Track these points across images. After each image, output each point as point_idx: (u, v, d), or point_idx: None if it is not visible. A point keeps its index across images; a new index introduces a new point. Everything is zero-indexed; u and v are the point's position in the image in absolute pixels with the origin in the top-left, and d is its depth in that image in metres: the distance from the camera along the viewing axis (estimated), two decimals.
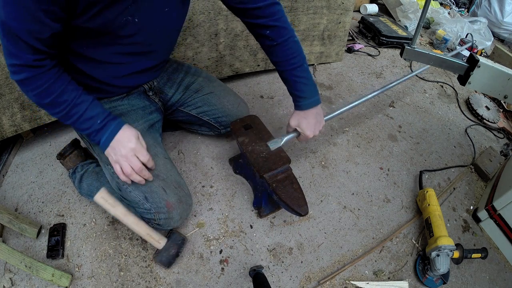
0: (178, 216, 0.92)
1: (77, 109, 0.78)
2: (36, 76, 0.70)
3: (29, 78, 0.70)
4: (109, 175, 0.93)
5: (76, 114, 0.78)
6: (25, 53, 0.66)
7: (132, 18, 0.75)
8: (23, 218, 1.00)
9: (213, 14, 1.39)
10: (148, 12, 0.77)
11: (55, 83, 0.73)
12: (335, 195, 1.23)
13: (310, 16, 1.66)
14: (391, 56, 2.17)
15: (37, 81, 0.71)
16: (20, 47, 0.65)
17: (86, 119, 0.79)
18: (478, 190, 1.36)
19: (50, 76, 0.72)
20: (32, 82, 0.71)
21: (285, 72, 0.96)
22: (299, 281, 0.98)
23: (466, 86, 1.15)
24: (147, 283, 0.93)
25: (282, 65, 0.95)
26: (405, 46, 1.21)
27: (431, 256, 0.98)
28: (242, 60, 1.62)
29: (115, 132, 0.83)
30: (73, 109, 0.77)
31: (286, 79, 0.98)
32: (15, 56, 0.67)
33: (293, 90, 0.98)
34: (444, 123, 1.69)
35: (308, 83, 0.97)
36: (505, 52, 2.11)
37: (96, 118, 0.80)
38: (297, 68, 0.94)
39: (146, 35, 0.83)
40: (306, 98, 0.97)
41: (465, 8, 3.16)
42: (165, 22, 0.85)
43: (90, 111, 0.79)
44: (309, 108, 0.98)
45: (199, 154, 1.31)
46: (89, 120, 0.80)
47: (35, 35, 0.64)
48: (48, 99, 0.74)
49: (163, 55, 1.00)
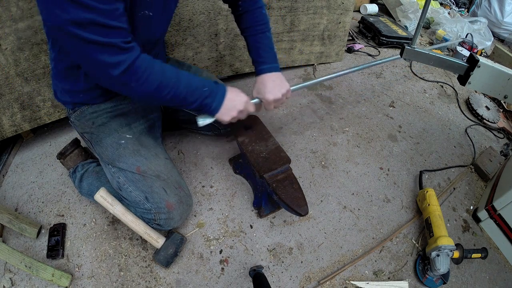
0: (179, 216, 0.92)
1: (183, 81, 0.76)
2: (137, 60, 0.68)
3: (132, 65, 0.67)
4: (110, 175, 0.93)
5: (185, 87, 0.76)
6: (113, 37, 0.62)
7: (148, 12, 0.74)
8: (23, 218, 1.00)
9: (213, 14, 1.39)
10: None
11: (154, 61, 0.72)
12: (335, 195, 1.23)
13: (310, 16, 1.66)
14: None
15: (141, 64, 0.68)
16: (106, 32, 0.61)
17: (195, 88, 0.78)
18: (478, 190, 1.36)
19: (147, 57, 0.70)
20: (138, 68, 0.68)
21: (249, 37, 1.00)
22: (299, 281, 0.98)
23: (466, 86, 1.15)
24: (147, 283, 0.93)
25: (247, 31, 1.00)
26: (405, 46, 1.21)
27: (431, 256, 0.98)
28: (242, 60, 1.62)
29: (224, 93, 0.84)
30: (180, 83, 0.75)
31: (249, 45, 1.01)
32: (109, 47, 0.63)
33: (255, 56, 1.00)
34: (444, 123, 1.69)
35: (268, 50, 1.00)
36: (505, 52, 2.11)
37: (202, 86, 0.80)
38: (259, 34, 0.99)
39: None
40: (265, 63, 0.99)
41: (465, 8, 3.16)
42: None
43: (194, 81, 0.79)
44: (268, 73, 0.98)
45: (199, 154, 1.31)
46: (197, 90, 0.79)
47: (115, 13, 0.61)
48: (158, 80, 0.71)
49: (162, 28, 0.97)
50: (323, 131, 1.49)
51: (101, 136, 0.94)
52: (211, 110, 0.83)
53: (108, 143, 0.93)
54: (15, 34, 0.98)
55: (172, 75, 0.75)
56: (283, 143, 1.39)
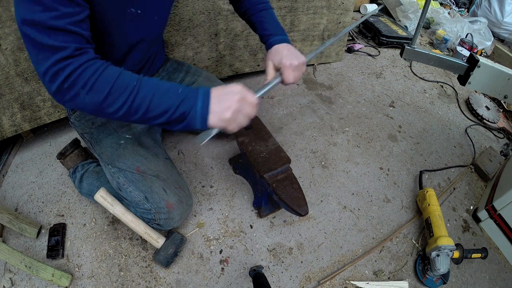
0: (178, 216, 0.92)
1: (146, 88, 0.61)
2: (83, 65, 0.58)
3: (76, 69, 0.57)
4: (109, 175, 0.93)
5: (147, 95, 0.61)
6: (64, 41, 0.56)
7: (135, 10, 0.73)
8: (23, 218, 1.00)
9: (213, 14, 1.39)
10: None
11: (108, 68, 0.60)
12: (335, 195, 1.23)
13: (310, 16, 1.66)
14: (391, 56, 2.17)
15: (87, 70, 0.58)
16: (56, 37, 0.55)
17: (163, 93, 0.62)
18: (478, 190, 1.36)
19: (100, 63, 0.60)
20: (82, 74, 0.57)
21: (252, 16, 0.94)
22: (299, 281, 0.98)
23: (466, 86, 1.15)
24: (147, 283, 0.93)
25: (249, 11, 0.94)
26: (405, 46, 1.21)
27: (431, 256, 0.98)
28: (242, 60, 1.62)
29: (208, 90, 0.65)
30: (141, 91, 0.60)
31: (254, 23, 0.94)
32: (55, 49, 0.56)
33: (262, 31, 0.92)
34: (444, 123, 1.69)
35: (277, 24, 0.93)
36: (505, 52, 2.11)
37: (173, 87, 0.63)
38: (263, 11, 0.93)
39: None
40: (276, 35, 0.89)
41: (465, 8, 3.16)
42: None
43: (163, 84, 0.63)
44: (281, 43, 0.87)
45: (199, 154, 1.31)
46: (167, 93, 0.62)
47: (71, 18, 0.56)
48: (107, 88, 0.59)
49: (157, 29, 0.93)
50: (323, 131, 1.49)
51: (100, 137, 0.94)
52: (197, 117, 0.63)
53: (108, 144, 0.93)
54: (15, 34, 0.98)
55: (131, 80, 0.61)
56: (283, 143, 1.39)
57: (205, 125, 0.64)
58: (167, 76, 1.11)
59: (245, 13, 0.95)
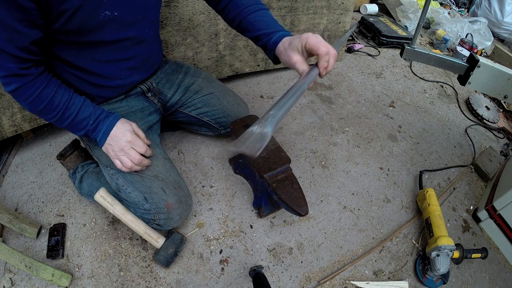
0: (178, 216, 0.92)
1: (70, 111, 0.79)
2: (25, 85, 0.71)
3: (19, 88, 0.71)
4: (108, 177, 0.93)
5: (69, 117, 0.79)
6: (9, 62, 0.66)
7: (111, 12, 0.73)
8: (23, 218, 1.00)
9: (213, 14, 1.39)
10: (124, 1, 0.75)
11: (46, 88, 0.74)
12: (335, 195, 1.23)
13: (310, 16, 1.66)
14: (391, 56, 2.17)
15: (27, 90, 0.72)
16: (3, 58, 0.65)
17: (79, 120, 0.81)
18: (478, 190, 1.36)
19: (40, 83, 0.73)
20: (23, 92, 0.72)
21: (247, 16, 0.83)
22: (299, 281, 0.98)
23: (466, 86, 1.15)
24: (147, 283, 0.93)
25: (241, 13, 0.84)
26: (405, 46, 1.21)
27: (431, 256, 0.98)
28: (242, 60, 1.62)
29: (110, 130, 0.84)
30: (66, 112, 0.79)
31: (250, 23, 0.83)
32: (1, 67, 0.68)
33: (264, 29, 0.81)
34: (444, 123, 1.69)
35: (276, 23, 0.84)
36: (505, 52, 2.11)
37: (88, 118, 0.81)
38: (260, 11, 0.84)
39: (127, 28, 0.81)
40: (281, 31, 0.81)
41: (465, 8, 3.16)
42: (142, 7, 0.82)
43: (82, 113, 0.81)
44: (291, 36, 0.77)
45: (199, 154, 1.31)
46: (82, 122, 0.81)
47: (15, 44, 0.64)
48: (41, 105, 0.75)
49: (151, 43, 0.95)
50: (323, 131, 1.49)
51: None
52: (97, 142, 0.85)
53: None
54: None
55: (61, 102, 0.77)
56: (283, 143, 1.39)
57: (100, 147, 0.87)
58: (165, 78, 1.11)
59: (237, 16, 0.85)
